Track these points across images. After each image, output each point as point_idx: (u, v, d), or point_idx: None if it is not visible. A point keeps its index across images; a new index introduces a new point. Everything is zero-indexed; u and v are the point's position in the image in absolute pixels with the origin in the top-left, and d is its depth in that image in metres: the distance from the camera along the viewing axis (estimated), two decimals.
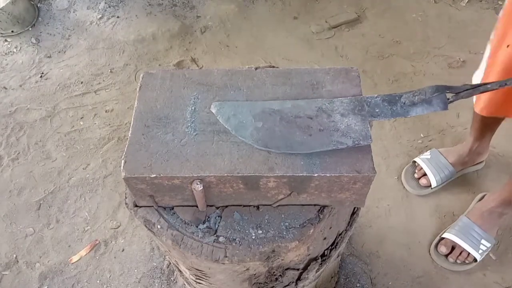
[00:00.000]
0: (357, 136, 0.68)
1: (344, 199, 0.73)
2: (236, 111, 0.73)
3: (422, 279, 1.39)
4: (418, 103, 0.71)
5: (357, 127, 0.70)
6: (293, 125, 0.70)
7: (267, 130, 0.70)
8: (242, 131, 0.70)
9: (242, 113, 0.72)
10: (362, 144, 0.68)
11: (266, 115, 0.72)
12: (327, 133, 0.69)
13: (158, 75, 0.80)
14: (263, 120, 0.71)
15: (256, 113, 0.72)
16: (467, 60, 1.90)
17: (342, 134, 0.69)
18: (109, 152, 1.71)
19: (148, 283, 1.41)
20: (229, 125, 0.71)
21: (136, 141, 0.71)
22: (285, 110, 0.72)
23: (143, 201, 0.74)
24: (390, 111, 0.71)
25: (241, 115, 0.72)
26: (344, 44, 2.01)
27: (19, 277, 1.44)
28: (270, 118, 0.71)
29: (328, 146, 0.68)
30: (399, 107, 0.72)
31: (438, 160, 1.51)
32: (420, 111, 0.71)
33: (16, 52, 2.07)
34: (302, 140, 0.69)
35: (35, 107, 1.87)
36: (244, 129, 0.70)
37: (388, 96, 0.73)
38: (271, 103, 0.74)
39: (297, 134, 0.69)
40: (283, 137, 0.69)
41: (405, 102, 0.72)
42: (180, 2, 2.22)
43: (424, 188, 1.52)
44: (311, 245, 0.78)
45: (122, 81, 1.94)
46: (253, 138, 0.69)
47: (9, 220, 1.56)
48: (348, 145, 0.68)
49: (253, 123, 0.71)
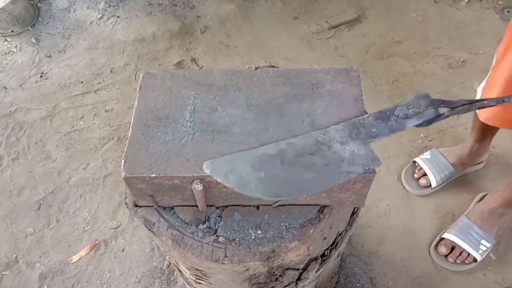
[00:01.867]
0: (365, 162, 0.66)
1: (344, 199, 0.73)
2: (231, 167, 0.67)
3: (422, 279, 1.39)
4: (412, 116, 0.69)
5: (362, 152, 0.67)
6: (297, 166, 0.66)
7: (272, 179, 0.65)
8: (246, 187, 0.65)
9: (239, 166, 0.67)
10: (373, 168, 0.65)
11: (265, 163, 0.67)
12: (334, 165, 0.66)
13: (158, 75, 0.80)
14: (264, 169, 0.66)
15: (253, 162, 0.67)
16: (467, 60, 1.90)
17: (349, 163, 0.66)
18: (109, 152, 1.71)
19: (148, 283, 1.41)
20: (230, 183, 0.65)
21: (136, 141, 0.71)
22: (283, 152, 0.68)
23: (143, 201, 0.74)
24: (387, 128, 0.69)
25: (238, 169, 0.66)
26: (344, 44, 2.01)
27: (19, 277, 1.44)
28: (270, 164, 0.67)
29: (340, 179, 0.65)
30: (394, 121, 0.69)
31: (438, 160, 1.51)
32: (415, 121, 0.69)
33: (16, 52, 2.07)
34: (311, 178, 0.65)
35: (35, 107, 1.87)
36: (248, 184, 0.65)
37: (380, 113, 0.71)
38: (265, 149, 0.69)
39: (304, 174, 0.65)
40: (291, 181, 0.65)
41: (398, 115, 0.70)
42: (180, 2, 2.22)
43: (424, 188, 1.52)
44: (311, 245, 0.78)
45: (122, 81, 1.94)
46: (261, 191, 0.64)
47: (9, 220, 1.56)
48: (359, 173, 0.65)
49: (254, 175, 0.66)
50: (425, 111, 0.69)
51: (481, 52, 1.93)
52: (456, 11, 2.10)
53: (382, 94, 1.80)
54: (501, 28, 2.01)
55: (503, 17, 2.03)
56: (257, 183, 0.65)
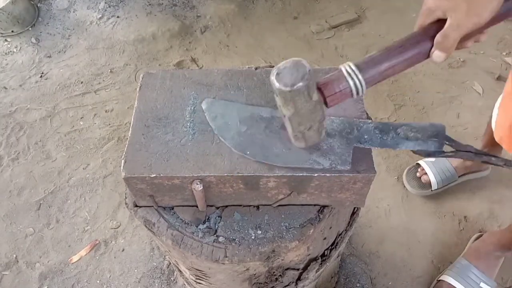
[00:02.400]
0: (336, 159, 0.67)
1: (344, 199, 0.73)
2: (224, 111, 0.72)
3: (422, 279, 1.39)
4: (412, 139, 0.68)
5: (339, 149, 0.68)
6: (276, 136, 0.69)
7: (249, 136, 0.69)
8: (224, 132, 0.70)
9: (230, 114, 0.72)
10: (338, 169, 0.66)
11: (252, 121, 0.71)
12: (307, 150, 0.68)
13: (158, 75, 0.80)
14: (248, 125, 0.71)
15: (243, 116, 0.72)
16: (467, 60, 1.90)
17: (321, 154, 0.67)
18: (109, 152, 1.71)
19: (148, 283, 1.41)
20: (214, 124, 0.71)
21: (136, 141, 0.71)
22: (272, 119, 0.71)
23: (143, 201, 0.74)
24: (378, 140, 0.69)
25: (228, 116, 0.72)
26: (344, 44, 2.01)
27: (19, 277, 1.44)
28: (256, 124, 0.71)
29: (303, 164, 0.66)
30: (390, 138, 0.69)
31: (441, 163, 1.50)
32: (411, 146, 0.68)
33: (16, 52, 2.07)
34: (280, 152, 0.68)
35: (35, 107, 1.87)
36: (227, 131, 0.70)
37: (383, 124, 0.70)
38: (261, 110, 0.72)
39: (277, 146, 0.68)
40: (263, 146, 0.68)
41: (399, 133, 0.69)
42: (180, 2, 2.22)
43: (425, 189, 1.51)
44: (311, 245, 0.78)
45: (122, 81, 1.94)
46: (233, 142, 0.69)
47: (9, 220, 1.56)
48: (324, 167, 0.66)
49: (237, 126, 0.71)
50: (427, 141, 0.67)
51: (481, 52, 1.93)
52: None
53: (382, 94, 1.80)
54: (501, 28, 2.01)
55: None
56: (234, 134, 0.69)
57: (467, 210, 1.50)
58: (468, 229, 1.46)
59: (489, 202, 1.51)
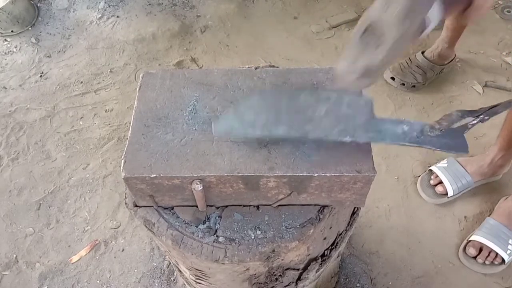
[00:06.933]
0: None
1: (344, 199, 0.73)
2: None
3: (422, 279, 1.39)
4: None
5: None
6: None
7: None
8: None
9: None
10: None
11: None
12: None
13: (158, 75, 0.80)
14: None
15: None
16: (467, 60, 1.90)
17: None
18: (109, 152, 1.71)
19: (148, 283, 1.41)
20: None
21: (136, 141, 0.71)
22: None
23: (143, 201, 0.74)
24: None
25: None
26: (344, 44, 2.01)
27: (19, 277, 1.44)
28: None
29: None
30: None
31: (456, 169, 1.48)
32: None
33: (16, 52, 2.07)
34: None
35: (35, 107, 1.87)
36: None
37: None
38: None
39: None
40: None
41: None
42: (180, 2, 2.22)
43: (441, 197, 1.49)
44: (311, 245, 0.78)
45: (122, 81, 1.94)
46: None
47: (9, 220, 1.56)
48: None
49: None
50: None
51: (481, 52, 1.93)
52: None
53: (382, 94, 1.80)
54: (501, 28, 2.01)
55: (503, 17, 2.03)
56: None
57: (467, 210, 1.50)
58: (468, 229, 1.46)
59: (489, 202, 1.51)
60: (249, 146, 0.69)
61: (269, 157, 0.68)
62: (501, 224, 1.37)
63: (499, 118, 1.15)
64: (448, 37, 1.69)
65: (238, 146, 0.69)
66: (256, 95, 0.72)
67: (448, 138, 0.68)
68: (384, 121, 0.69)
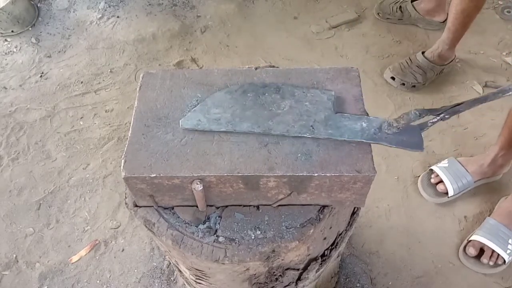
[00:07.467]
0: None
1: (344, 199, 0.73)
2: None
3: (422, 279, 1.39)
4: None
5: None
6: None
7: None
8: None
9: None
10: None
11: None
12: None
13: (158, 75, 0.80)
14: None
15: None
16: (467, 60, 1.90)
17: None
18: (109, 152, 1.71)
19: (148, 283, 1.41)
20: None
21: (136, 141, 0.71)
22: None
23: (143, 201, 0.74)
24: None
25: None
26: (344, 44, 2.01)
27: (19, 277, 1.44)
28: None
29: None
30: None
31: (456, 169, 1.48)
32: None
33: (16, 52, 2.07)
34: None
35: (35, 107, 1.87)
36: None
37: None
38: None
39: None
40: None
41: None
42: (180, 2, 2.22)
43: (442, 196, 1.49)
44: (311, 245, 0.78)
45: (122, 81, 1.94)
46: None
47: (9, 220, 1.56)
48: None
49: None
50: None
51: (481, 52, 1.93)
52: None
53: (382, 94, 1.80)
54: (501, 28, 2.01)
55: (503, 17, 2.03)
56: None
57: (467, 210, 1.50)
58: (468, 229, 1.46)
59: (489, 202, 1.51)
60: (249, 146, 0.69)
61: (269, 157, 0.68)
62: (501, 224, 1.37)
63: (500, 118, 1.15)
64: (449, 38, 1.69)
65: (238, 146, 0.69)
66: (223, 91, 0.74)
67: (404, 135, 0.69)
68: (344, 117, 0.71)
